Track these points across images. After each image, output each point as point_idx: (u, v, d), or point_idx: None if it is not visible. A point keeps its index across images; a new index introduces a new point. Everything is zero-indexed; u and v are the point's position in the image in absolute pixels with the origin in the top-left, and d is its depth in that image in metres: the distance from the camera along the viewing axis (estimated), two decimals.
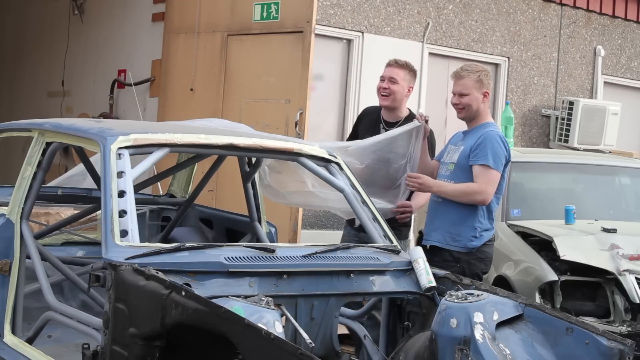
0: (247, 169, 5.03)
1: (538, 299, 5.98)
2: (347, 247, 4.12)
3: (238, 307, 3.23)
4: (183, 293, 3.22)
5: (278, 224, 5.43)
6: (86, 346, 3.56)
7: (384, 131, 5.55)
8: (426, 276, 4.07)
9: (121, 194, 3.69)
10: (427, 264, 4.12)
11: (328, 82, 9.20)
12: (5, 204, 4.35)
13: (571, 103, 10.69)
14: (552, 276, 6.03)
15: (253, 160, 5.00)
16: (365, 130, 5.66)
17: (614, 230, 6.33)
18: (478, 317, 3.66)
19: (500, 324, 3.73)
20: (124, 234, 3.60)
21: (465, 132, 5.28)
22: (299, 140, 5.13)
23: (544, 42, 10.90)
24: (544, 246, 6.33)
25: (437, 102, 9.91)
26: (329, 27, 9.00)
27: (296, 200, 5.58)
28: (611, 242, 6.14)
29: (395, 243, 4.29)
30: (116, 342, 3.39)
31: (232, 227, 5.36)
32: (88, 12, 10.19)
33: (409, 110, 5.70)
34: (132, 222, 3.64)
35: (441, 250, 5.08)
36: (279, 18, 7.51)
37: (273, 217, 5.48)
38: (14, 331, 4.13)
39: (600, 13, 11.36)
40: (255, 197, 5.06)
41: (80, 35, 10.23)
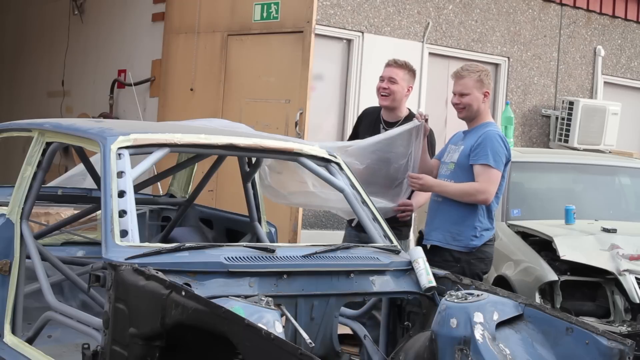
0: (247, 169, 5.03)
1: (538, 299, 5.98)
2: (347, 247, 4.12)
3: (238, 307, 3.23)
4: (183, 293, 3.21)
5: (278, 224, 5.43)
6: (86, 346, 3.56)
7: (384, 131, 5.55)
8: (426, 276, 4.07)
9: (121, 194, 3.69)
10: (427, 264, 4.12)
11: (328, 82, 9.21)
12: (5, 204, 4.35)
13: (571, 103, 10.70)
14: (552, 276, 6.02)
15: (253, 160, 5.00)
16: (366, 131, 5.66)
17: (614, 230, 6.32)
18: (478, 317, 3.65)
19: (500, 324, 3.73)
20: (124, 234, 3.60)
21: (465, 131, 5.28)
22: (299, 140, 5.13)
23: (544, 42, 10.90)
24: (544, 246, 6.33)
25: (437, 102, 9.91)
26: (329, 27, 9.00)
27: (297, 201, 5.58)
28: (611, 242, 6.14)
29: (395, 243, 4.29)
30: (116, 342, 3.39)
31: (232, 227, 5.36)
32: (88, 12, 10.19)
33: (409, 110, 5.70)
34: (132, 222, 3.63)
35: (441, 250, 5.08)
36: (279, 18, 7.52)
37: (273, 217, 5.48)
38: (14, 331, 4.12)
39: (600, 13, 11.37)
40: (255, 197, 5.06)
41: (80, 35, 10.23)
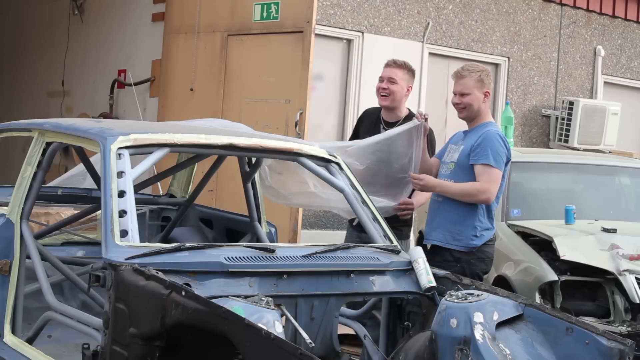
0: (247, 169, 5.03)
1: (538, 299, 5.97)
2: (347, 247, 4.12)
3: (238, 307, 3.22)
4: (183, 293, 3.21)
5: (278, 224, 5.43)
6: (86, 346, 3.56)
7: (384, 131, 5.55)
8: (426, 276, 4.07)
9: (121, 194, 3.69)
10: (427, 264, 4.12)
11: (328, 82, 9.21)
12: (5, 204, 4.35)
13: (571, 103, 10.70)
14: (552, 276, 6.02)
15: (253, 160, 5.00)
16: (366, 131, 5.66)
17: (614, 230, 6.32)
18: (478, 317, 3.65)
19: (500, 324, 3.73)
20: (124, 234, 3.60)
21: (465, 131, 5.27)
22: (299, 140, 5.13)
23: (544, 42, 10.90)
24: (544, 246, 6.33)
25: (437, 102, 9.91)
26: (329, 27, 9.00)
27: (298, 201, 5.58)
28: (611, 242, 6.14)
29: (395, 243, 4.29)
30: (116, 342, 3.38)
31: (232, 227, 5.36)
32: (88, 12, 10.19)
33: (409, 110, 5.70)
34: (132, 222, 3.63)
35: (442, 250, 5.08)
36: (279, 18, 7.52)
37: (273, 217, 5.48)
38: (14, 331, 4.12)
39: (600, 13, 11.37)
40: (255, 197, 5.06)
41: (80, 35, 10.24)
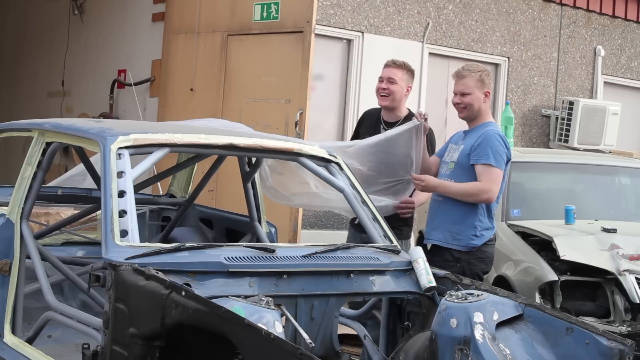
0: (247, 169, 5.03)
1: (538, 299, 5.97)
2: (347, 247, 4.11)
3: (238, 307, 3.22)
4: (183, 293, 3.21)
5: (278, 224, 5.43)
6: (86, 346, 3.56)
7: (384, 131, 5.55)
8: (426, 276, 4.07)
9: (121, 194, 3.69)
10: (427, 264, 4.12)
11: (328, 82, 9.21)
12: (5, 204, 4.35)
13: (571, 103, 10.70)
14: (552, 276, 6.02)
15: (253, 160, 5.00)
16: (366, 132, 5.66)
17: (614, 230, 6.32)
18: (478, 317, 3.65)
19: (500, 324, 3.73)
20: (124, 234, 3.60)
21: (465, 131, 5.27)
22: (299, 140, 5.13)
23: (544, 42, 10.90)
24: (544, 246, 6.33)
25: (437, 102, 9.91)
26: (329, 27, 9.00)
27: (300, 202, 5.57)
28: (611, 242, 6.14)
29: (395, 243, 4.29)
30: (116, 342, 3.38)
31: (232, 227, 5.36)
32: (88, 12, 10.19)
33: (409, 110, 5.70)
34: (132, 222, 3.63)
35: (442, 250, 5.08)
36: (279, 18, 7.52)
37: (273, 217, 5.48)
38: (14, 331, 4.12)
39: (600, 13, 11.37)
40: (255, 197, 5.06)
41: (80, 35, 10.24)
